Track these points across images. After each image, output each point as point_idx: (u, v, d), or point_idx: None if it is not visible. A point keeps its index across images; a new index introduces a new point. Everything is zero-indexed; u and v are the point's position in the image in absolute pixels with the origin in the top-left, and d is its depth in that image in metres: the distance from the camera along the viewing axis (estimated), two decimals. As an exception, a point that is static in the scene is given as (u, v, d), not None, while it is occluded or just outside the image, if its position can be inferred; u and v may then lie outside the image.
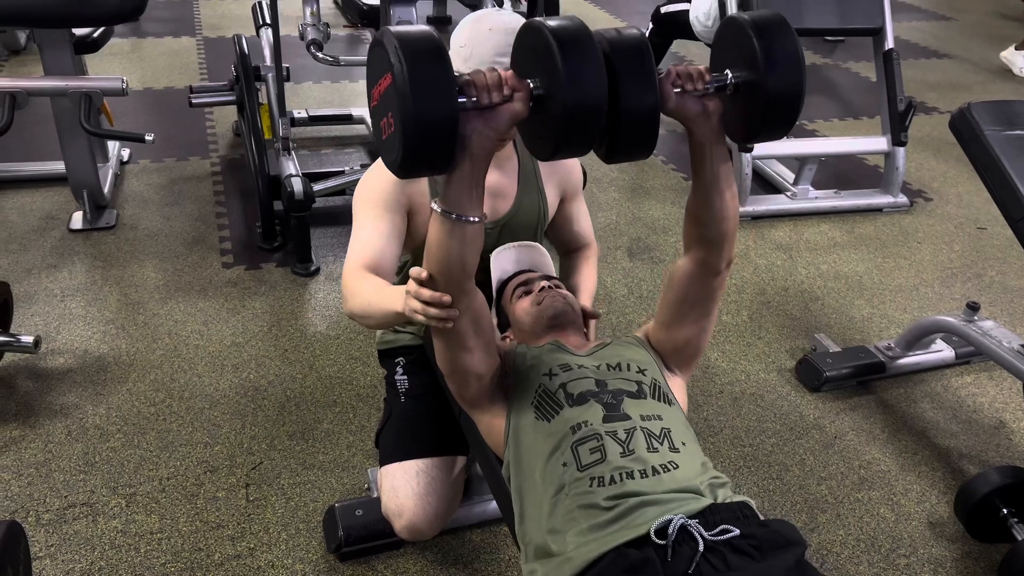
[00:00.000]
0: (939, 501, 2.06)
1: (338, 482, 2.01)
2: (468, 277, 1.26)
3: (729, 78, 1.20)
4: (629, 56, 1.10)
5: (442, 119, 1.04)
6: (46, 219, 3.09)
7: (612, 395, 1.35)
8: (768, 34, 1.15)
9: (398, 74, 1.02)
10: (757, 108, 1.18)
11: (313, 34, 3.03)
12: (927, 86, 5.16)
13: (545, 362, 1.43)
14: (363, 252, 1.60)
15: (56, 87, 2.67)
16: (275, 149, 3.08)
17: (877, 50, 3.51)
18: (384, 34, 1.07)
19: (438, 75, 1.03)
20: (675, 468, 1.23)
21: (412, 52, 1.03)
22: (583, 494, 1.22)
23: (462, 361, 1.36)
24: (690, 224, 1.36)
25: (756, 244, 3.24)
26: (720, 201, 1.29)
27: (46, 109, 2.94)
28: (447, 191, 1.17)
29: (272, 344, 2.49)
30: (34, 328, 2.48)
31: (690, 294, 1.41)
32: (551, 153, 1.13)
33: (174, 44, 5.17)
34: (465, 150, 1.12)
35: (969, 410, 2.40)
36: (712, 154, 1.25)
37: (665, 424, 1.31)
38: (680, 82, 1.19)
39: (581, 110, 1.06)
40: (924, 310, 2.87)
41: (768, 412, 2.34)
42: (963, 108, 2.11)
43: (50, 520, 1.86)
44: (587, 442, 1.27)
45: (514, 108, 1.11)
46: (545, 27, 1.08)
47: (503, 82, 1.11)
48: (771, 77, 1.15)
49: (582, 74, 1.05)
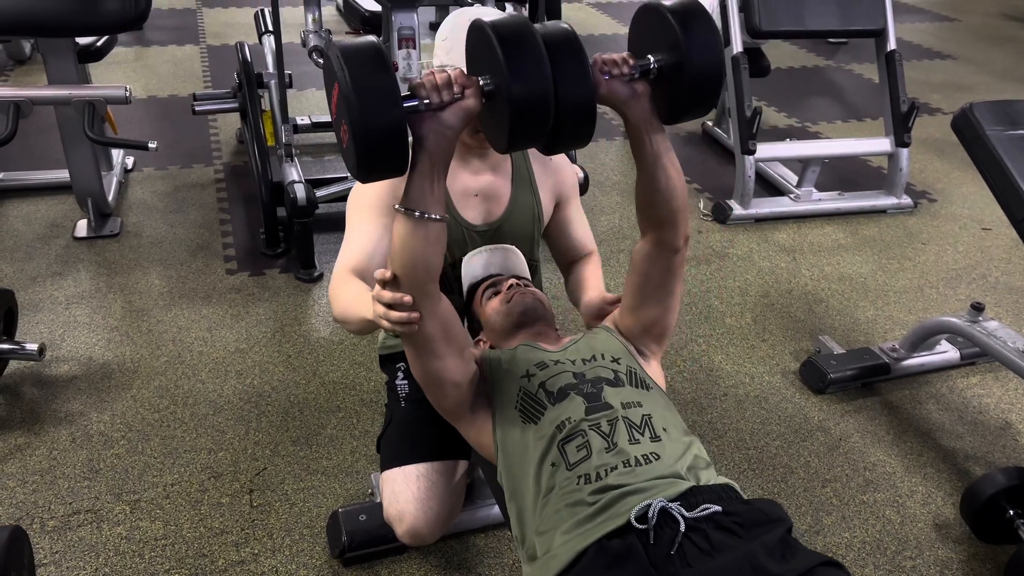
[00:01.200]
0: (945, 503, 2.05)
1: (342, 487, 2.01)
2: (432, 279, 1.27)
3: (652, 62, 1.25)
4: (562, 48, 1.16)
5: (388, 123, 1.09)
6: (51, 227, 3.10)
7: (591, 384, 1.36)
8: (688, 19, 1.21)
9: (343, 84, 1.08)
10: (682, 88, 1.23)
11: (315, 41, 3.04)
12: (930, 87, 5.16)
13: (521, 363, 1.43)
14: (351, 256, 1.62)
15: (59, 96, 2.68)
16: (278, 156, 3.09)
17: (879, 52, 3.51)
18: (329, 47, 1.13)
19: (379, 81, 1.09)
20: (656, 459, 1.24)
21: (354, 62, 1.08)
22: (570, 492, 1.22)
23: (435, 370, 1.36)
24: (642, 207, 1.39)
25: (759, 247, 3.24)
26: (666, 178, 1.32)
27: (50, 118, 2.96)
28: (408, 189, 1.21)
29: (276, 350, 2.49)
30: (39, 336, 2.49)
31: (652, 275, 1.44)
32: (507, 145, 1.19)
33: (178, 52, 5.19)
34: (423, 149, 1.17)
35: (975, 411, 2.39)
36: (650, 132, 1.29)
37: (645, 410, 1.32)
38: (607, 68, 1.24)
39: (530, 101, 1.12)
40: (929, 311, 2.86)
41: (772, 414, 2.33)
42: (965, 108, 2.10)
43: (55, 527, 1.87)
44: (573, 439, 1.28)
45: (466, 104, 1.17)
46: (487, 25, 1.14)
47: (452, 81, 1.16)
48: (695, 58, 1.20)
49: (526, 67, 1.11)
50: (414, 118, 1.15)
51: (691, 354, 2.57)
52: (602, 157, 3.96)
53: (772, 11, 3.29)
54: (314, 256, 2.89)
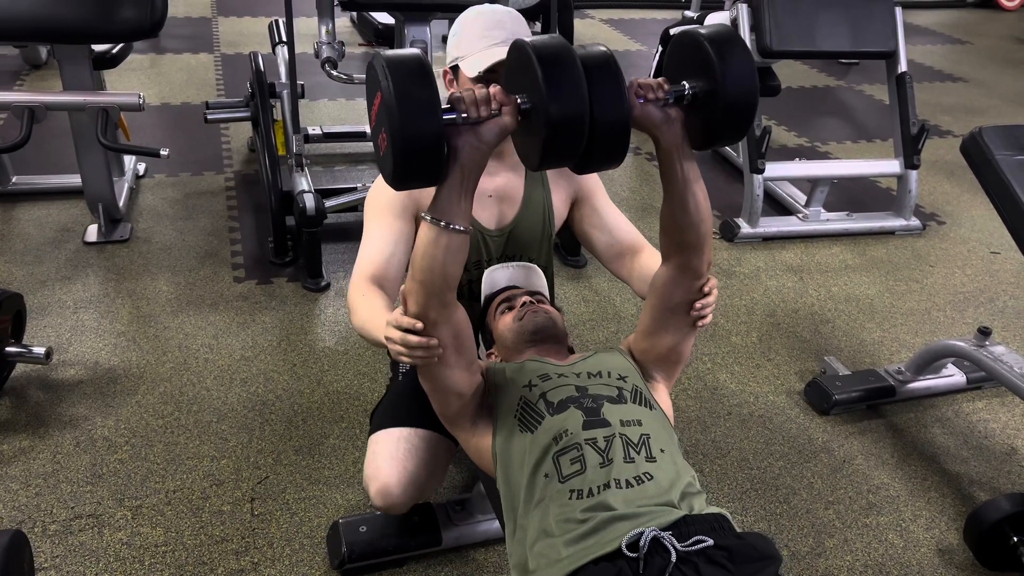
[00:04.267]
0: (949, 528, 2.04)
1: (343, 498, 2.01)
2: (450, 288, 1.29)
3: (687, 88, 1.27)
4: (600, 70, 1.17)
5: (428, 134, 1.12)
6: (61, 231, 3.12)
7: (592, 399, 1.36)
8: (724, 48, 1.23)
9: (386, 93, 1.11)
10: (716, 116, 1.25)
11: (328, 52, 3.06)
12: (941, 109, 5.16)
13: (525, 374, 1.44)
14: (370, 260, 1.65)
15: (74, 102, 2.71)
16: (288, 165, 3.11)
17: (890, 73, 3.52)
18: (375, 57, 1.16)
19: (423, 94, 1.11)
20: (649, 479, 1.24)
21: (399, 73, 1.11)
22: (562, 507, 1.22)
23: (443, 378, 1.37)
24: (668, 231, 1.39)
25: (767, 265, 3.24)
26: (695, 203, 1.33)
27: (64, 123, 2.99)
28: (437, 199, 1.22)
29: (281, 359, 2.50)
30: (46, 339, 2.50)
31: (674, 300, 1.44)
32: (539, 163, 1.20)
33: (192, 60, 5.23)
34: (456, 161, 1.19)
35: (980, 436, 2.37)
36: (681, 157, 1.30)
37: (644, 429, 1.32)
38: (642, 92, 1.25)
39: (565, 121, 1.14)
40: (936, 334, 2.85)
41: (776, 435, 2.32)
42: (974, 132, 2.10)
43: (56, 531, 1.87)
44: (568, 452, 1.28)
45: (502, 122, 1.19)
46: (529, 45, 1.16)
47: (491, 97, 1.18)
48: (729, 87, 1.22)
49: (564, 87, 1.13)
50: (450, 130, 1.17)
51: (696, 372, 2.57)
52: (612, 173, 3.97)
53: (784, 31, 3.31)
54: (322, 266, 2.90)
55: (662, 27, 4.69)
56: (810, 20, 3.37)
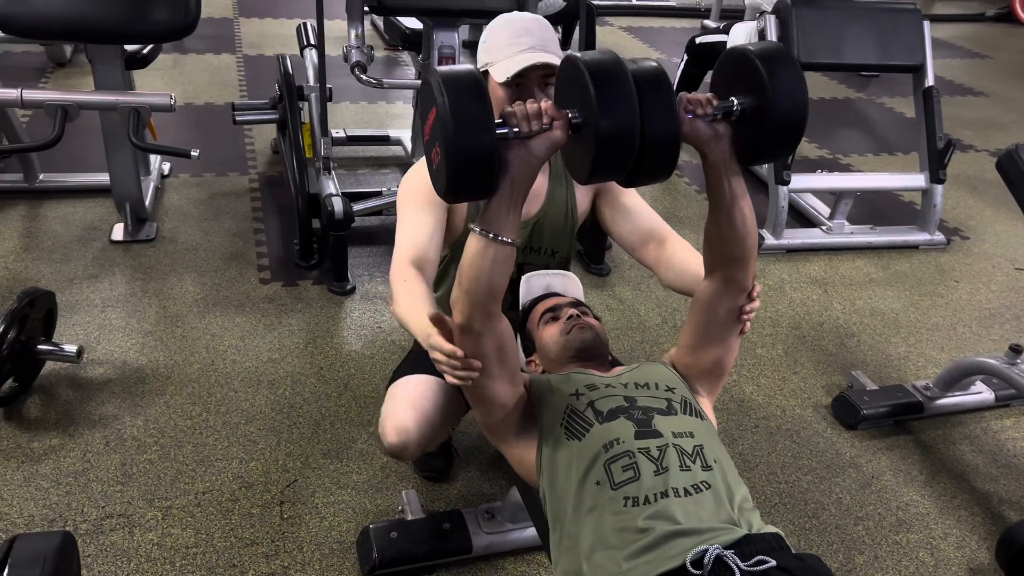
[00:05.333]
0: (979, 547, 2.03)
1: (372, 503, 2.01)
2: (495, 299, 1.29)
3: (735, 104, 1.27)
4: (651, 85, 1.18)
5: (481, 148, 1.13)
6: (88, 230, 3.13)
7: (642, 411, 1.36)
8: (775, 64, 1.23)
9: (442, 109, 1.12)
10: (765, 132, 1.25)
11: (357, 56, 3.06)
12: (963, 123, 5.13)
13: (571, 384, 1.44)
14: (409, 244, 1.68)
15: (107, 101, 2.72)
16: (316, 168, 3.11)
17: (917, 87, 3.50)
18: (431, 73, 1.18)
19: (477, 109, 1.13)
20: (707, 488, 1.25)
21: (454, 89, 1.13)
22: (617, 514, 1.22)
23: (486, 389, 1.38)
24: (714, 246, 1.40)
25: (791, 277, 3.23)
26: (741, 217, 1.34)
27: (92, 121, 3.00)
28: (486, 211, 1.23)
29: (308, 362, 2.50)
30: (75, 337, 2.51)
31: (719, 314, 1.44)
32: (588, 176, 1.21)
33: (215, 61, 5.25)
34: (507, 174, 1.20)
35: (1009, 454, 2.36)
36: (728, 172, 1.31)
37: (697, 441, 1.32)
38: (691, 107, 1.26)
39: (616, 136, 1.14)
40: (962, 350, 2.84)
41: (804, 449, 2.31)
42: (1011, 149, 2.10)
43: (87, 530, 1.87)
44: (620, 459, 1.28)
45: (553, 136, 1.19)
46: (581, 61, 1.17)
47: (543, 112, 1.19)
48: (780, 103, 1.22)
49: (616, 104, 1.14)
50: (502, 144, 1.18)
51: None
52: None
53: (811, 44, 3.30)
54: (347, 269, 2.91)
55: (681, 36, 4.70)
56: (838, 33, 3.37)
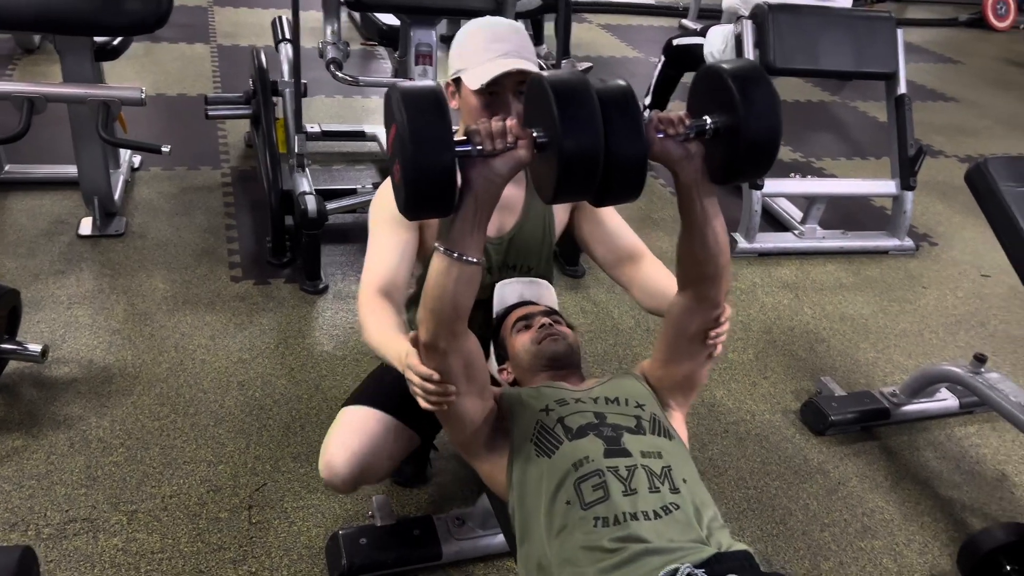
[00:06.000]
0: (941, 553, 2.06)
1: (341, 508, 2.00)
2: (460, 319, 1.28)
3: (708, 123, 1.27)
4: (618, 105, 1.17)
5: (439, 168, 1.12)
6: (55, 223, 3.08)
7: (612, 428, 1.36)
8: (748, 83, 1.23)
9: (400, 127, 1.12)
10: (738, 151, 1.24)
11: (333, 53, 3.03)
12: (933, 129, 5.20)
13: (541, 399, 1.44)
14: (377, 270, 1.65)
15: (75, 94, 2.67)
16: (289, 164, 3.08)
17: (889, 94, 3.54)
18: (392, 89, 1.17)
19: (435, 128, 1.12)
20: (676, 509, 1.25)
21: (413, 107, 1.12)
22: (587, 534, 1.22)
23: (455, 406, 1.37)
24: (686, 263, 1.39)
25: (763, 281, 3.26)
26: (714, 236, 1.34)
27: (58, 112, 2.93)
28: (450, 230, 1.22)
29: (279, 362, 2.48)
30: (40, 335, 2.47)
31: (691, 329, 1.44)
32: (553, 196, 1.21)
33: (188, 50, 5.18)
34: (470, 192, 1.19)
35: (972, 461, 2.40)
36: (700, 192, 1.30)
37: (665, 461, 1.33)
38: (663, 127, 1.25)
39: (580, 156, 1.14)
40: (928, 356, 2.88)
41: (773, 454, 2.34)
42: (980, 163, 2.12)
43: (50, 535, 1.85)
44: (590, 479, 1.28)
45: (517, 155, 1.19)
46: (546, 80, 1.17)
47: (507, 130, 1.18)
48: (752, 123, 1.22)
49: (579, 122, 1.14)
50: (466, 162, 1.17)
51: (693, 388, 2.58)
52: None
53: (787, 50, 3.32)
54: (320, 268, 2.89)
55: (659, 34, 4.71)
56: (813, 39, 3.39)
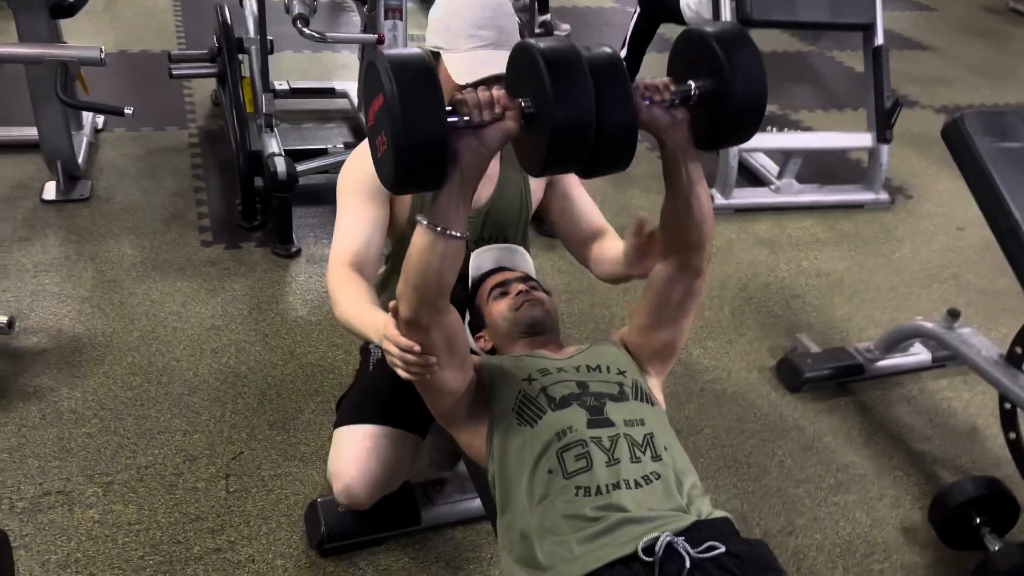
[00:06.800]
0: (912, 507, 2.10)
1: (319, 474, 1.99)
2: (443, 295, 1.26)
3: (693, 88, 1.24)
4: (607, 74, 1.14)
5: (431, 139, 1.08)
6: (17, 188, 3.00)
7: (594, 397, 1.36)
8: (733, 46, 1.20)
9: (389, 96, 1.07)
10: (724, 116, 1.22)
11: (300, 8, 2.93)
12: (909, 79, 5.18)
13: (523, 368, 1.43)
14: (347, 245, 1.60)
15: (31, 54, 2.57)
16: (257, 125, 3.01)
17: (866, 46, 3.51)
18: (379, 57, 1.11)
19: (427, 98, 1.08)
20: (657, 478, 1.26)
21: (403, 76, 1.07)
22: (568, 503, 1.23)
23: (436, 379, 1.35)
24: (670, 231, 1.38)
25: (739, 237, 3.25)
26: (698, 203, 1.32)
27: (17, 71, 2.84)
28: (435, 204, 1.18)
29: (252, 328, 2.45)
30: (6, 305, 2.41)
31: (673, 297, 1.43)
32: (542, 168, 1.17)
33: (149, 4, 5.02)
34: (456, 165, 1.15)
35: (944, 414, 2.44)
36: (686, 158, 1.28)
37: (647, 429, 1.33)
38: (648, 94, 1.22)
39: (571, 127, 1.10)
40: (903, 311, 2.90)
41: (748, 412, 2.36)
42: (956, 118, 2.10)
43: (24, 508, 1.83)
44: (573, 448, 1.28)
45: (506, 126, 1.15)
46: (535, 48, 1.12)
47: (495, 101, 1.14)
48: (738, 85, 1.19)
49: (571, 93, 1.10)
50: (451, 133, 1.13)
51: (670, 347, 2.58)
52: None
53: (765, 1, 3.27)
54: (292, 231, 2.84)
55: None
56: (790, -11, 3.34)
